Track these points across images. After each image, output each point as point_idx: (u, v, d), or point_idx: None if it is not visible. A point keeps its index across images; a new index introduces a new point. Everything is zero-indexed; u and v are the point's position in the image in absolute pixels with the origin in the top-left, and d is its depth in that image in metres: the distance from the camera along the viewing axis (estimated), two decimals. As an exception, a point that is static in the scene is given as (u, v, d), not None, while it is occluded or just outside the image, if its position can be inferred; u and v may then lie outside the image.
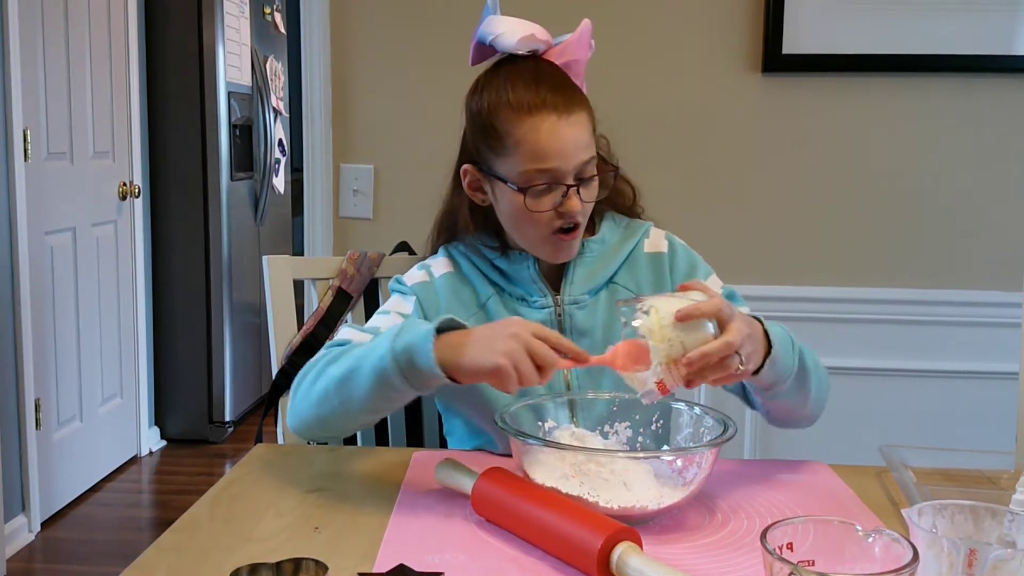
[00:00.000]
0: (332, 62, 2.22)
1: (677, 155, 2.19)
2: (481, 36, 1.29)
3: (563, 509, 0.95)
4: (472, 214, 1.34)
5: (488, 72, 1.30)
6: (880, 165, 2.17)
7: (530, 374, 1.04)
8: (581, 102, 1.25)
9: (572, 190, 1.23)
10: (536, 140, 1.21)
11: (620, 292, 1.32)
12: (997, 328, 2.15)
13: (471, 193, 1.32)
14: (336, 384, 1.15)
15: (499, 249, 1.34)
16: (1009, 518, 0.82)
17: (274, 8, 4.58)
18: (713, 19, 2.16)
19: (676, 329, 1.01)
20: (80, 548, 3.03)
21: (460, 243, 1.38)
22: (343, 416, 1.17)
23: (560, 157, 1.21)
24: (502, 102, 1.23)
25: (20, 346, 2.95)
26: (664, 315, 1.01)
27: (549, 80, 1.24)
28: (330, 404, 1.16)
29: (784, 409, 1.23)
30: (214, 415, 4.06)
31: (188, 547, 0.98)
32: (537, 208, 1.23)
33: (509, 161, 1.23)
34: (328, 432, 1.24)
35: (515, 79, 1.24)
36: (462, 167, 1.32)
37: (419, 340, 1.08)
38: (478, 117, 1.27)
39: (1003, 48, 2.10)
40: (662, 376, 1.01)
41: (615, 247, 1.35)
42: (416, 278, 1.35)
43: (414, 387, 1.10)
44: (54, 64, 3.14)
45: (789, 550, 0.78)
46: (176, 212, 3.97)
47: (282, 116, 4.62)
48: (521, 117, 1.21)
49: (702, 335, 1.01)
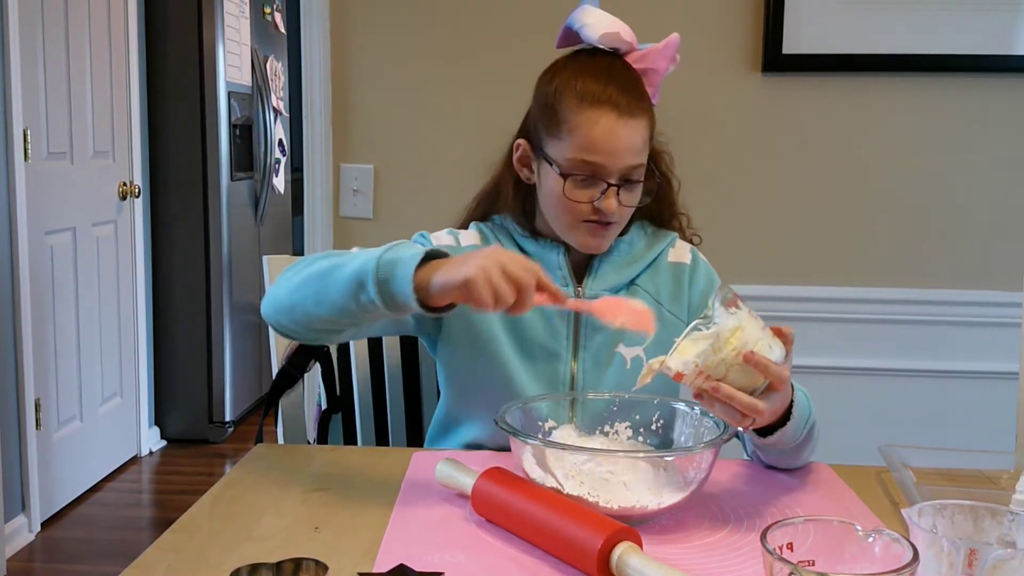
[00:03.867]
0: (332, 62, 2.22)
1: (676, 155, 2.17)
2: (571, 22, 1.31)
3: (563, 509, 0.95)
4: (515, 190, 1.35)
5: (566, 57, 1.32)
6: (880, 165, 2.17)
7: (504, 291, 1.02)
8: (645, 109, 1.27)
9: (612, 190, 1.24)
10: (590, 132, 1.22)
11: (640, 295, 1.33)
12: (997, 328, 2.15)
13: (519, 167, 1.34)
14: (317, 274, 1.15)
15: (530, 232, 1.35)
16: (1009, 518, 0.82)
17: (274, 8, 4.58)
18: (713, 19, 2.16)
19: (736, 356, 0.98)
20: (80, 548, 3.03)
21: (491, 222, 1.39)
22: (312, 307, 1.15)
23: (609, 154, 1.23)
24: (569, 87, 1.25)
25: (20, 346, 2.95)
26: (742, 340, 0.98)
27: (619, 79, 1.26)
28: (304, 291, 1.16)
29: (773, 460, 1.22)
30: (214, 415, 4.06)
31: (188, 547, 0.98)
32: (574, 198, 1.25)
33: (561, 145, 1.25)
34: (293, 323, 1.20)
35: (588, 70, 1.27)
36: (516, 141, 1.34)
37: (406, 256, 1.08)
38: (544, 96, 1.29)
39: (1003, 48, 2.10)
40: (688, 372, 0.99)
41: (641, 251, 1.37)
42: (443, 240, 1.36)
43: (384, 299, 1.08)
44: (54, 64, 3.14)
45: (789, 550, 0.78)
46: (176, 212, 3.97)
47: (282, 116, 4.62)
48: (583, 107, 1.23)
49: (748, 380, 1.00)
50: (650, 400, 1.20)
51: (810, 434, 1.18)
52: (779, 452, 1.18)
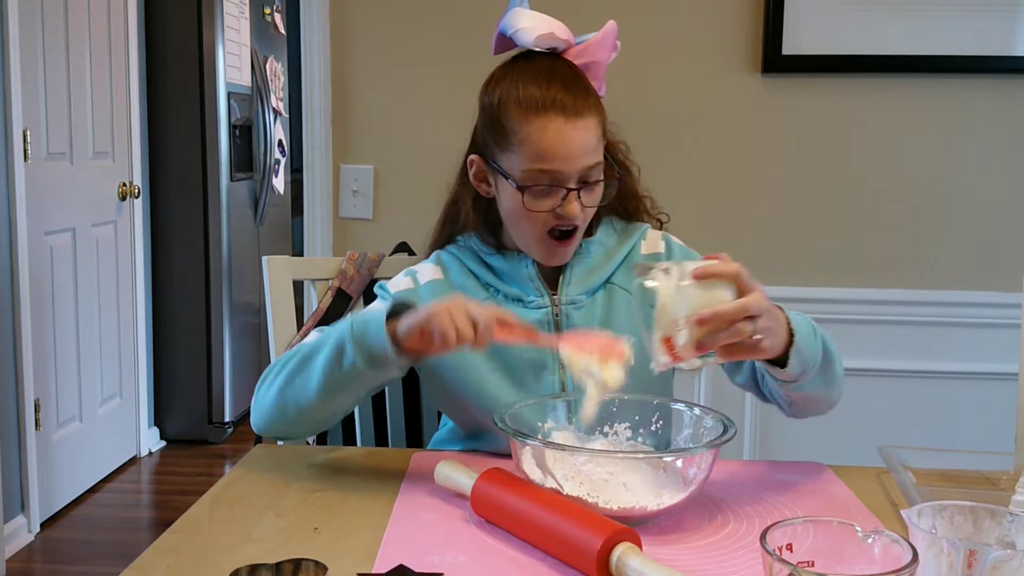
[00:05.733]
0: (332, 62, 2.22)
1: (676, 155, 2.19)
2: (503, 27, 1.28)
3: (563, 509, 0.95)
4: (475, 206, 1.34)
5: (504, 65, 1.29)
6: (880, 165, 2.17)
7: (463, 324, 1.06)
8: (592, 105, 1.23)
9: (572, 194, 1.22)
10: (540, 141, 1.20)
11: (617, 293, 1.32)
12: (997, 328, 2.15)
13: (476, 184, 1.32)
14: (295, 367, 1.18)
15: (496, 247, 1.33)
16: (1009, 519, 0.82)
17: (274, 8, 4.58)
18: (713, 19, 2.16)
19: (694, 288, 0.99)
20: (80, 548, 3.03)
21: (454, 245, 1.37)
22: (301, 397, 1.17)
23: (563, 160, 1.20)
24: (511, 98, 1.23)
25: (20, 346, 2.95)
26: (683, 271, 0.99)
27: (562, 80, 1.22)
28: (289, 388, 1.18)
29: (810, 398, 1.19)
30: (214, 415, 4.05)
31: (188, 547, 0.98)
32: (535, 208, 1.23)
33: (513, 157, 1.23)
34: (287, 425, 1.22)
35: (527, 76, 1.23)
36: (469, 157, 1.31)
37: (375, 313, 1.13)
38: (488, 109, 1.27)
39: (1003, 48, 2.10)
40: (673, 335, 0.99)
41: (613, 248, 1.35)
42: (401, 285, 1.35)
43: (364, 357, 1.11)
44: (54, 64, 3.14)
45: (789, 551, 0.78)
46: (176, 212, 3.97)
47: (282, 116, 4.62)
48: (528, 116, 1.21)
49: (718, 297, 0.99)
50: (649, 400, 1.20)
51: (828, 350, 1.15)
52: (811, 382, 1.14)
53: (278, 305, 1.55)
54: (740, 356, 1.04)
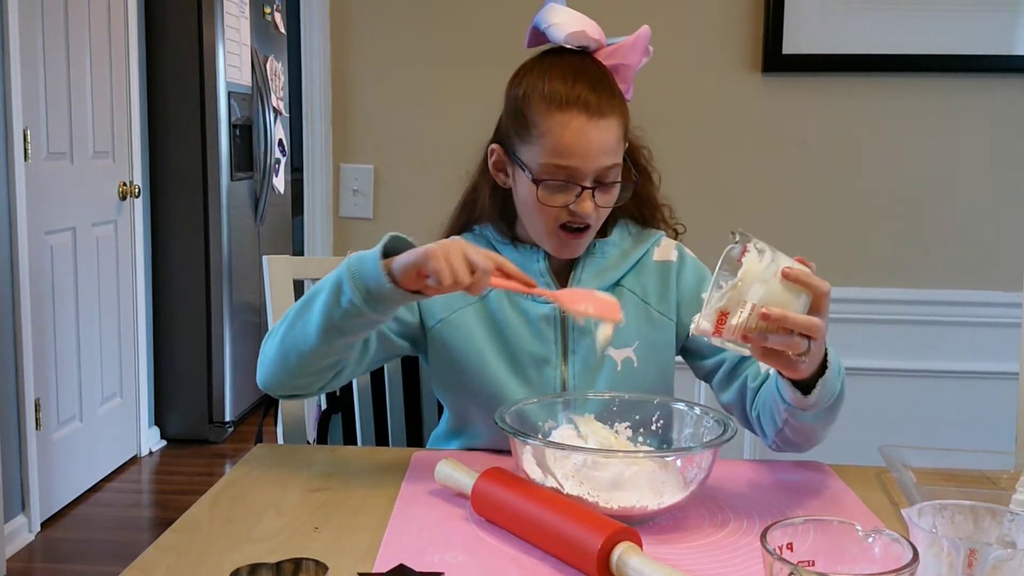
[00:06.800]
0: (332, 62, 2.22)
1: (676, 155, 2.19)
2: (537, 21, 1.28)
3: (563, 509, 0.95)
4: (492, 195, 1.34)
5: (534, 58, 1.30)
6: (880, 165, 2.17)
7: (460, 268, 1.04)
8: (616, 107, 1.24)
9: (587, 192, 1.22)
10: (561, 136, 1.20)
11: (626, 295, 1.32)
12: (997, 328, 2.15)
13: (494, 173, 1.32)
14: (295, 314, 1.18)
15: (510, 239, 1.34)
16: (1009, 518, 0.82)
17: (274, 8, 4.58)
18: (713, 19, 2.16)
19: (777, 281, 0.98)
20: (80, 548, 3.03)
21: (470, 233, 1.38)
22: (302, 343, 1.17)
23: (581, 158, 1.21)
24: (536, 91, 1.23)
25: (20, 346, 2.95)
26: (775, 264, 0.98)
27: (588, 79, 1.23)
28: (289, 336, 1.18)
29: (805, 431, 1.19)
30: (214, 415, 4.06)
31: (188, 547, 0.98)
32: (548, 202, 1.23)
33: (532, 150, 1.23)
34: (290, 374, 1.21)
35: (555, 71, 1.24)
36: (490, 146, 1.32)
37: (372, 252, 1.12)
38: (513, 101, 1.28)
39: (1003, 48, 2.10)
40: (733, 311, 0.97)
41: (626, 251, 1.35)
42: None
43: (362, 294, 1.10)
44: (54, 64, 3.14)
45: (789, 550, 0.78)
46: (176, 212, 3.97)
47: (282, 116, 4.62)
48: (551, 110, 1.21)
49: (792, 303, 0.99)
50: (650, 400, 1.20)
51: (841, 392, 1.15)
52: (814, 416, 1.14)
53: (278, 305, 1.55)
54: (775, 364, 1.04)
